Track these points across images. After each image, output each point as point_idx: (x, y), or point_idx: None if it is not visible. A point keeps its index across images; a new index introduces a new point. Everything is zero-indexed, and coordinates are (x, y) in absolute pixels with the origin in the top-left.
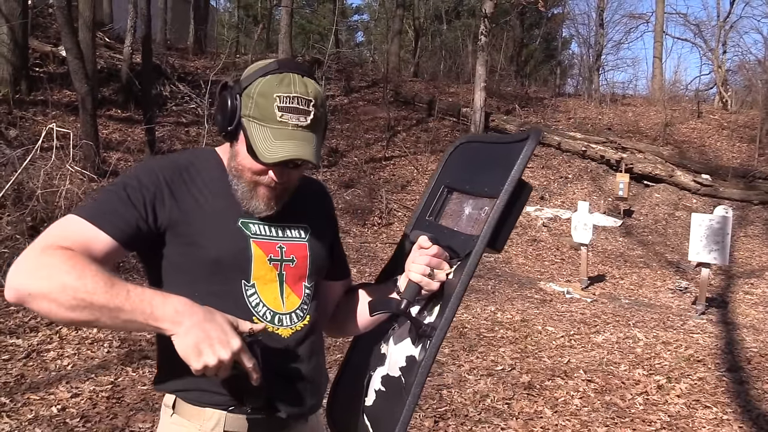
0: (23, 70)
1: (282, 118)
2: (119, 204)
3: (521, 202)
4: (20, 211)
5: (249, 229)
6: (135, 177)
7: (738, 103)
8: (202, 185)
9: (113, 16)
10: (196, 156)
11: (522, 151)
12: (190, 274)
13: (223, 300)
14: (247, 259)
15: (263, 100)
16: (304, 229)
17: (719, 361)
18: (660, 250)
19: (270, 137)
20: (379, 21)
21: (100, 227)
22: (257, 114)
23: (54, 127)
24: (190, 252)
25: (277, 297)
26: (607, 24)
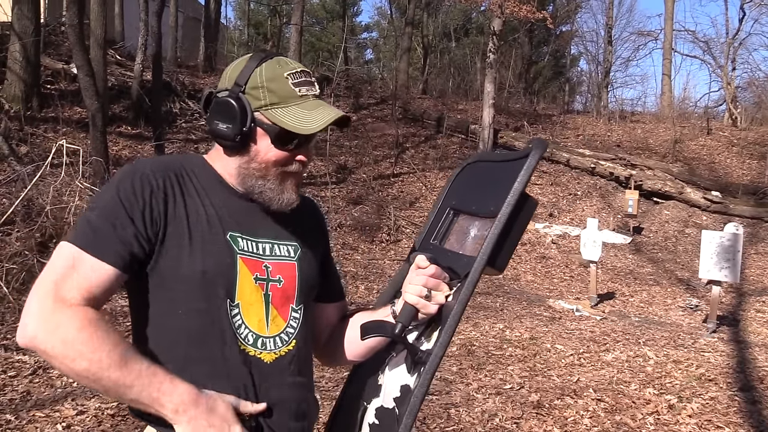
0: (35, 87)
1: (301, 92)
2: (116, 223)
3: (524, 217)
4: (29, 227)
5: (237, 243)
6: (129, 185)
7: (747, 120)
8: (193, 191)
9: (124, 34)
10: (186, 159)
11: (525, 164)
12: (173, 290)
13: (205, 319)
14: (233, 276)
15: (276, 84)
16: (293, 247)
17: (731, 381)
18: (670, 268)
19: (301, 111)
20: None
21: (100, 257)
22: (275, 99)
23: (64, 144)
24: (176, 262)
25: (261, 319)
26: (615, 41)
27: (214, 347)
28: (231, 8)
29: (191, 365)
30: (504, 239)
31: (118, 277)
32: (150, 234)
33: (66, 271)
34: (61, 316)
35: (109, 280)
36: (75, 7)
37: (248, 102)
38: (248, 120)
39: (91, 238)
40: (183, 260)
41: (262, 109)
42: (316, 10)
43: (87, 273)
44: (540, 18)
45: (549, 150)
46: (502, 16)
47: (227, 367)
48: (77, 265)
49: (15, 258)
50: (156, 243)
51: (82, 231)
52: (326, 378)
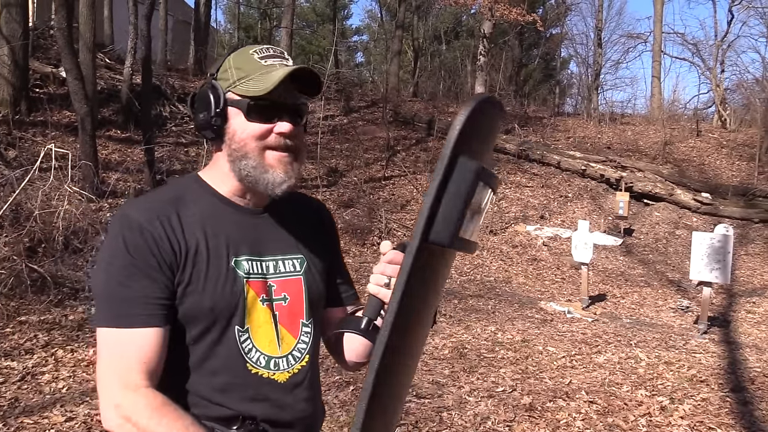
0: (23, 91)
1: (266, 63)
2: (135, 285)
3: (460, 182)
4: (18, 232)
5: (241, 267)
6: (132, 242)
7: (737, 122)
8: (192, 223)
9: (114, 37)
10: (178, 187)
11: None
12: (187, 328)
13: (216, 348)
14: (241, 303)
15: (242, 61)
16: (299, 260)
17: (722, 382)
18: (661, 269)
19: (262, 75)
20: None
21: (137, 326)
22: (241, 74)
23: (53, 148)
24: (184, 305)
25: (272, 340)
26: (605, 44)
27: (230, 374)
28: (221, 11)
29: (218, 395)
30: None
31: (163, 333)
32: (171, 281)
33: (117, 356)
34: (131, 404)
35: (157, 342)
36: (64, 10)
37: (219, 85)
38: (220, 100)
39: (120, 313)
40: (191, 300)
41: (231, 87)
42: (307, 13)
43: (135, 348)
44: (530, 21)
45: (540, 152)
46: (492, 19)
47: (246, 392)
48: (122, 345)
49: (3, 263)
50: (175, 287)
51: (107, 309)
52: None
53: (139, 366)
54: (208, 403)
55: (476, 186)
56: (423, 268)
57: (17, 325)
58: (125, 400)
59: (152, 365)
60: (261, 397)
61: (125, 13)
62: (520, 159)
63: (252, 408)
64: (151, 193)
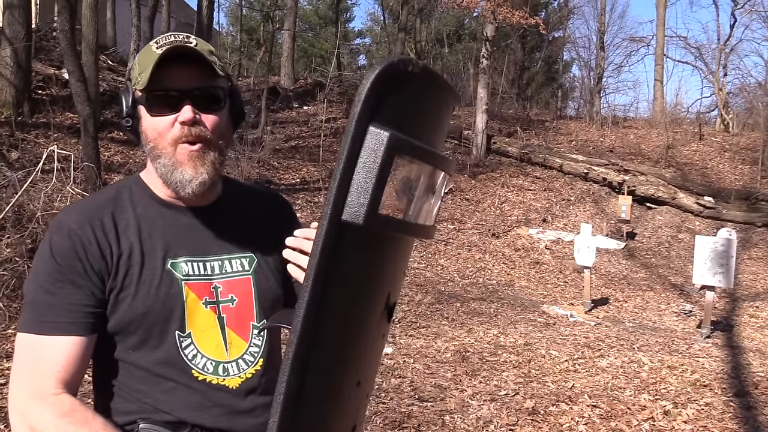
0: (26, 93)
1: (160, 49)
2: (59, 292)
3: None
4: (20, 234)
5: (179, 269)
6: (59, 247)
7: (739, 126)
8: (128, 226)
9: (116, 39)
10: (117, 189)
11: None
12: (123, 339)
13: (159, 354)
14: (179, 306)
15: (143, 56)
16: (248, 259)
17: (726, 386)
18: (663, 273)
19: (153, 64)
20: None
21: (56, 333)
22: (141, 69)
23: (55, 150)
24: (120, 310)
25: (219, 344)
26: (607, 47)
27: (175, 381)
28: (223, 14)
29: (165, 402)
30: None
31: (85, 343)
32: (99, 289)
33: (31, 363)
34: (37, 413)
35: (77, 351)
36: (66, 12)
37: (130, 85)
38: (129, 100)
39: (41, 320)
40: (125, 306)
41: (137, 85)
42: (309, 15)
43: (51, 356)
44: (532, 24)
45: (542, 155)
46: (495, 22)
47: (194, 399)
48: (39, 352)
49: (5, 264)
50: (105, 295)
51: (30, 315)
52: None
53: (53, 374)
54: (155, 410)
55: (389, 158)
56: (346, 252)
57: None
58: (32, 408)
59: (68, 374)
60: (210, 404)
61: (128, 15)
62: (523, 162)
63: (200, 416)
64: (90, 196)
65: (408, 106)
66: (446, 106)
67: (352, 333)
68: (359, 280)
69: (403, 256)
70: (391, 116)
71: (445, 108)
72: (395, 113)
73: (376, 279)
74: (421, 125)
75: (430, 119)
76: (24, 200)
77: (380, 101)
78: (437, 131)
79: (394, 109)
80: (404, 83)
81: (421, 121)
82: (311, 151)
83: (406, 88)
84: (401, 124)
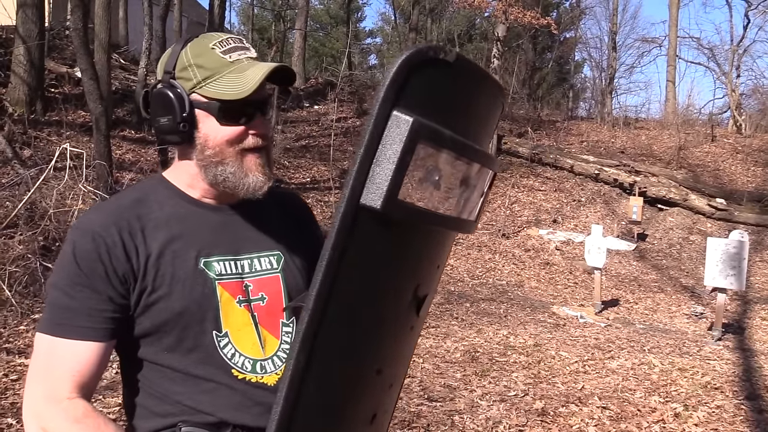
0: (39, 91)
1: (232, 58)
2: (80, 296)
3: (393, 140)
4: (32, 231)
5: (212, 269)
6: (83, 251)
7: (752, 127)
8: (155, 226)
9: (129, 38)
10: (142, 190)
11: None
12: (157, 341)
13: (197, 355)
14: (214, 306)
15: (204, 58)
16: (276, 257)
17: (737, 389)
18: (674, 275)
19: (235, 77)
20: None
21: (75, 338)
22: (206, 74)
23: (68, 147)
24: (153, 312)
25: (255, 342)
26: (619, 48)
27: (215, 381)
28: (235, 13)
29: (206, 403)
30: (368, 168)
31: (103, 349)
32: (119, 294)
33: (48, 365)
34: (50, 416)
35: (94, 356)
36: (79, 11)
37: (180, 86)
38: (185, 103)
39: (59, 322)
40: (160, 307)
41: (196, 88)
42: (320, 15)
43: (68, 360)
44: (544, 24)
45: (553, 156)
46: (506, 22)
47: (235, 398)
48: (56, 355)
49: (18, 261)
50: (130, 299)
51: (48, 315)
52: None
53: (69, 378)
54: (195, 411)
55: (412, 144)
56: (362, 236)
57: (31, 323)
58: (46, 411)
59: (84, 379)
60: (251, 402)
61: (140, 14)
62: (533, 163)
63: (242, 416)
64: (112, 197)
65: (440, 95)
66: (489, 99)
67: (369, 318)
68: (376, 265)
69: (437, 248)
70: (419, 103)
71: (488, 101)
72: (424, 101)
73: (400, 268)
74: (456, 116)
75: (469, 111)
76: (36, 198)
77: (407, 87)
78: (477, 124)
79: (422, 96)
80: (435, 70)
81: (456, 112)
82: (322, 150)
83: (438, 75)
84: (430, 112)
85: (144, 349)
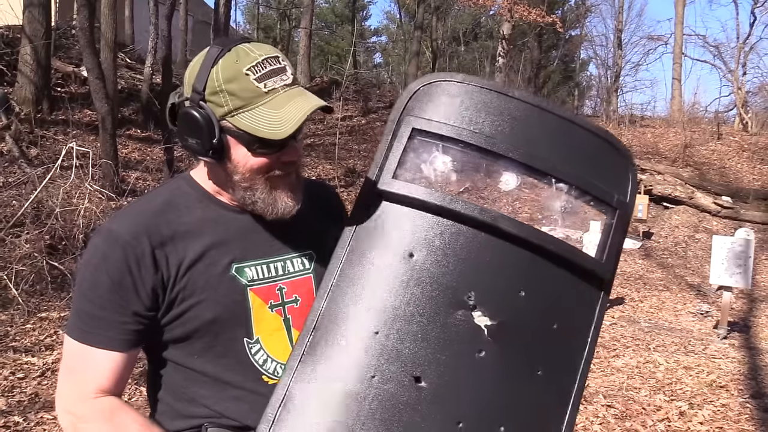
0: (45, 90)
1: (267, 87)
2: (109, 306)
3: (398, 136)
4: (39, 230)
5: (244, 275)
6: (112, 259)
7: (758, 125)
8: (185, 231)
9: (134, 37)
10: (170, 192)
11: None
12: (188, 345)
13: (227, 361)
14: (246, 312)
15: (236, 85)
16: (308, 256)
17: (742, 387)
18: (680, 273)
19: (270, 112)
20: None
21: (103, 347)
22: (239, 103)
23: (74, 146)
24: (184, 320)
25: (286, 347)
26: (625, 45)
27: (243, 387)
28: (240, 12)
29: (233, 409)
30: (384, 160)
31: (126, 358)
32: (147, 305)
33: (74, 368)
34: (83, 414)
35: (118, 365)
36: (85, 10)
37: (211, 111)
38: (216, 131)
39: (84, 329)
40: (191, 314)
41: (227, 116)
42: (326, 14)
43: (95, 366)
44: (549, 22)
45: None
46: (512, 20)
47: (262, 405)
48: (84, 360)
49: (25, 260)
50: (159, 306)
51: (79, 322)
52: None
53: (94, 383)
54: (221, 416)
55: (406, 140)
56: (377, 215)
57: (38, 322)
58: (77, 408)
59: (111, 384)
60: None
61: (146, 13)
62: None
63: None
64: (139, 201)
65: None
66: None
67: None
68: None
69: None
70: (422, 112)
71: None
72: (426, 110)
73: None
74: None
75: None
76: (43, 196)
77: (421, 103)
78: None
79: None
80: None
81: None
82: (327, 149)
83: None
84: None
85: (174, 353)
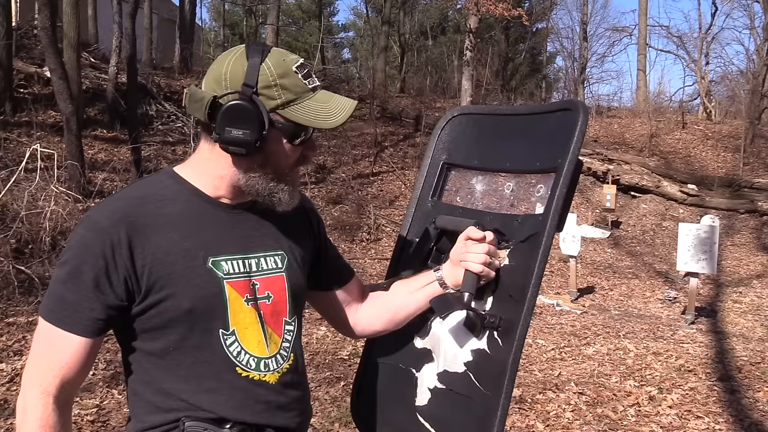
0: (7, 92)
1: (311, 84)
2: (81, 290)
3: (576, 179)
4: (4, 233)
5: (221, 268)
6: (89, 245)
7: (722, 114)
8: (164, 223)
9: (98, 36)
10: (152, 184)
11: (577, 124)
12: (163, 337)
13: (202, 353)
14: (222, 304)
15: (288, 80)
16: (280, 256)
17: (710, 371)
18: (648, 261)
19: (319, 105)
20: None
21: (69, 330)
22: (291, 96)
23: (38, 148)
24: (159, 310)
25: (261, 340)
26: (590, 37)
27: (218, 379)
28: (206, 9)
29: (207, 401)
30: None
31: (89, 344)
32: (120, 292)
33: (43, 351)
34: (32, 407)
35: (80, 351)
36: (47, 9)
37: (262, 103)
38: (266, 123)
39: (53, 309)
40: (167, 304)
41: (278, 108)
42: (292, 10)
43: (60, 350)
44: (516, 15)
45: None
46: (478, 13)
47: (236, 396)
48: (50, 342)
49: None
50: (132, 296)
51: (50, 303)
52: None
53: (57, 370)
54: (197, 409)
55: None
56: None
57: (5, 327)
58: (31, 392)
59: (70, 372)
60: (252, 400)
61: (109, 11)
62: None
63: (242, 413)
64: (123, 191)
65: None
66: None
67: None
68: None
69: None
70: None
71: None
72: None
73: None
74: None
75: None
76: (8, 200)
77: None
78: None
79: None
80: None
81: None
82: None
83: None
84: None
85: (149, 345)
